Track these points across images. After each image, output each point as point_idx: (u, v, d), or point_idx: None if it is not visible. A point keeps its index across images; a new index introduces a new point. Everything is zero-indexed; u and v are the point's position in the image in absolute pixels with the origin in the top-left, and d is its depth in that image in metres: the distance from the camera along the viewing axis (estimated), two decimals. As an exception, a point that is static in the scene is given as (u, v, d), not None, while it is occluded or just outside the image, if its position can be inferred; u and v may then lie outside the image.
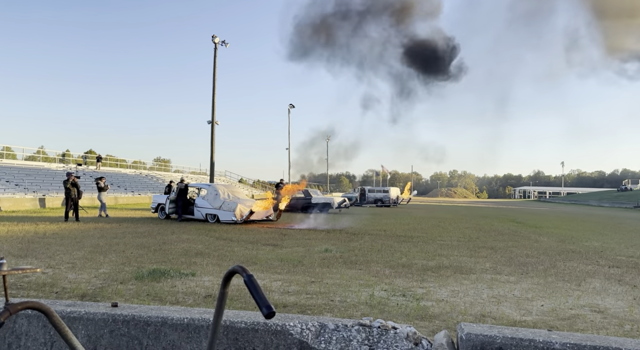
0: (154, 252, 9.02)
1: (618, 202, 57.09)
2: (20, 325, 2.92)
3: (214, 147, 30.69)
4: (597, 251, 10.68)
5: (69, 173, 16.74)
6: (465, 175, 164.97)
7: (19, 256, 8.12)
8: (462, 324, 2.68)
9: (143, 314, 2.86)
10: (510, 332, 2.55)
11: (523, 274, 7.56)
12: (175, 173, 54.40)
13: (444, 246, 10.97)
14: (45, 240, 10.32)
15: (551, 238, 13.63)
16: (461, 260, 8.77)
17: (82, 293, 5.57)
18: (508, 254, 9.88)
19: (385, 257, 9.03)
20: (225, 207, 16.08)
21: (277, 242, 11.03)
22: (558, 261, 8.98)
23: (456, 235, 13.70)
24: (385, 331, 2.71)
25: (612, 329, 4.57)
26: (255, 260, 8.26)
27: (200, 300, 5.36)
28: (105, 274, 6.74)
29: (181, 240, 11.03)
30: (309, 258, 8.65)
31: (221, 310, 1.80)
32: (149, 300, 5.29)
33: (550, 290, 6.34)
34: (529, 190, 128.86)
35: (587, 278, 7.29)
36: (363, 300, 5.46)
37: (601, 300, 5.83)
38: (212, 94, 30.75)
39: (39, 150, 43.76)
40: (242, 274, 1.63)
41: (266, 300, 1.54)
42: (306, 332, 2.69)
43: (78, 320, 2.89)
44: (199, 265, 7.69)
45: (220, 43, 30.84)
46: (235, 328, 2.73)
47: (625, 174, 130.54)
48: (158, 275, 6.60)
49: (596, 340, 2.48)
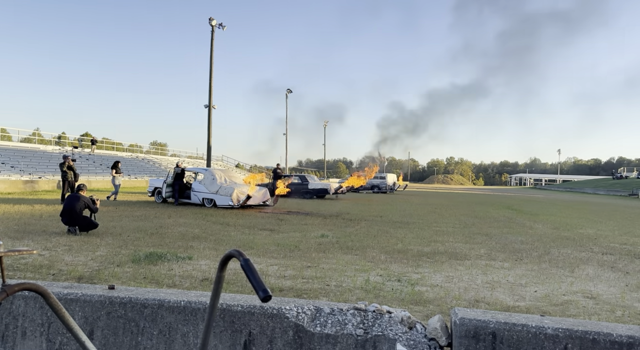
0: (151, 235, 9.04)
1: (613, 189, 57.38)
2: (17, 306, 2.94)
3: (211, 132, 30.58)
4: (591, 238, 10.77)
5: (65, 156, 16.65)
6: (462, 162, 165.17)
7: (15, 238, 8.12)
8: (456, 309, 2.71)
9: (140, 297, 2.88)
10: (503, 317, 2.58)
11: (517, 260, 7.62)
12: (172, 157, 54.23)
13: (440, 232, 11.03)
14: (41, 223, 10.31)
15: (546, 225, 13.72)
16: (456, 247, 8.84)
17: (79, 275, 5.59)
18: (503, 240, 9.96)
19: (381, 242, 9.08)
20: (222, 192, 16.08)
21: (274, 227, 11.07)
22: (552, 248, 9.06)
23: (452, 222, 13.77)
24: (380, 315, 2.74)
25: (603, 315, 4.64)
26: (252, 245, 8.29)
27: (197, 283, 5.40)
28: (102, 257, 6.76)
29: (178, 224, 11.05)
30: (305, 243, 8.69)
31: (218, 293, 1.81)
32: (145, 283, 5.32)
33: (544, 276, 6.40)
34: (525, 177, 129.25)
35: (580, 265, 7.37)
36: (358, 285, 5.51)
37: (594, 286, 5.90)
38: (210, 77, 30.50)
39: (34, 132, 43.42)
40: (239, 258, 1.63)
41: (263, 284, 1.55)
42: (302, 316, 2.72)
43: (75, 302, 2.90)
44: (196, 249, 7.72)
45: (218, 26, 30.47)
46: (232, 311, 2.75)
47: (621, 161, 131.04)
48: (155, 259, 6.63)
49: (588, 325, 2.52)
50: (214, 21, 30.02)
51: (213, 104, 30.50)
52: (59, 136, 46.80)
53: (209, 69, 30.40)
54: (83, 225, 8.92)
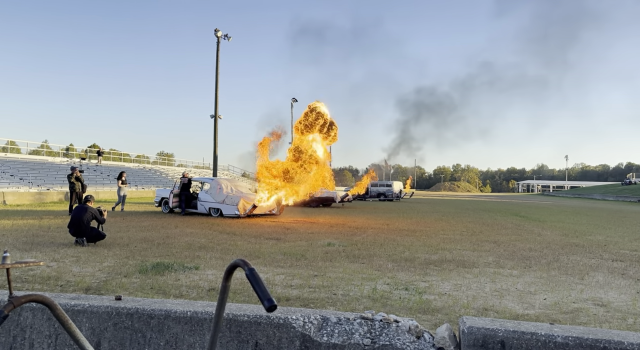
0: (158, 245, 9.06)
1: (622, 195, 56.81)
2: (24, 318, 2.95)
3: (217, 141, 30.71)
4: (600, 245, 10.65)
5: (73, 167, 16.80)
6: (469, 169, 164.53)
7: (23, 250, 8.17)
8: (464, 318, 2.69)
9: (146, 307, 2.88)
10: (512, 326, 2.55)
11: (526, 267, 7.55)
12: (178, 167, 54.48)
13: (447, 240, 10.96)
14: (49, 234, 10.37)
15: (554, 232, 13.60)
16: (464, 254, 8.77)
17: (86, 286, 5.60)
18: (511, 247, 9.87)
19: (387, 250, 9.04)
20: (229, 201, 16.12)
21: (280, 236, 11.06)
22: (561, 255, 8.96)
23: (459, 229, 13.69)
24: (388, 324, 2.72)
25: (615, 323, 4.57)
26: (258, 254, 8.28)
27: (203, 293, 5.39)
28: (110, 268, 6.77)
29: (184, 234, 11.07)
30: (311, 252, 8.67)
31: (224, 303, 1.81)
32: (152, 293, 5.32)
33: (553, 284, 6.33)
34: (533, 184, 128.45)
35: (590, 272, 7.28)
36: (365, 294, 5.47)
37: (604, 294, 5.82)
38: (215, 88, 30.71)
39: (43, 144, 43.83)
40: (244, 267, 1.63)
41: (268, 294, 1.54)
42: (308, 325, 2.70)
43: (82, 313, 2.90)
44: (203, 259, 7.72)
45: (223, 37, 30.73)
46: (238, 321, 2.75)
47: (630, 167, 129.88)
48: (162, 269, 6.63)
49: (598, 333, 2.48)
50: (220, 32, 30.31)
51: (219, 114, 30.68)
52: (67, 148, 47.26)
53: (215, 80, 30.64)
54: (90, 236, 8.96)
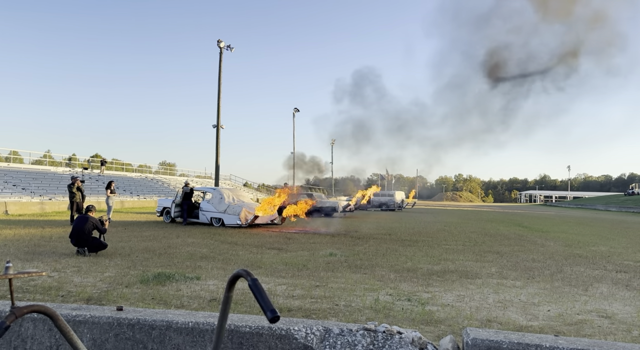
0: (159, 255, 9.04)
1: (625, 206, 56.59)
2: (26, 328, 2.93)
3: (219, 151, 30.81)
4: (604, 256, 10.59)
5: (73, 177, 16.83)
6: (471, 179, 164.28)
7: (25, 260, 8.16)
8: (468, 329, 2.67)
9: (148, 318, 2.87)
10: (516, 337, 2.53)
11: (529, 278, 7.50)
12: (180, 177, 54.56)
13: (450, 250, 10.91)
14: (51, 244, 10.37)
15: (557, 242, 13.54)
16: (467, 265, 8.73)
17: (88, 297, 5.58)
18: (514, 258, 9.82)
19: (390, 261, 9.00)
20: (230, 211, 16.11)
21: (282, 246, 11.02)
22: (565, 266, 8.91)
23: (462, 240, 13.63)
24: (391, 336, 2.70)
25: (619, 335, 4.53)
26: (260, 264, 8.25)
27: (205, 304, 5.36)
28: (111, 278, 6.75)
29: (186, 243, 11.05)
30: (313, 262, 8.63)
31: (226, 314, 1.80)
32: (154, 304, 5.30)
33: (557, 295, 6.29)
34: (535, 194, 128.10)
35: (594, 283, 7.23)
36: (368, 305, 5.44)
37: (608, 305, 5.78)
38: (218, 98, 30.88)
39: (45, 154, 44.11)
40: (247, 277, 1.63)
41: (270, 305, 1.54)
42: (311, 337, 2.69)
43: (83, 323, 2.89)
44: (204, 269, 7.70)
45: (226, 47, 30.99)
46: (240, 332, 2.73)
47: (633, 177, 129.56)
48: (163, 279, 6.61)
49: (603, 345, 2.46)
50: (222, 43, 30.57)
51: (221, 124, 30.81)
52: (70, 158, 47.47)
53: (217, 90, 30.82)
54: (92, 246, 8.95)
